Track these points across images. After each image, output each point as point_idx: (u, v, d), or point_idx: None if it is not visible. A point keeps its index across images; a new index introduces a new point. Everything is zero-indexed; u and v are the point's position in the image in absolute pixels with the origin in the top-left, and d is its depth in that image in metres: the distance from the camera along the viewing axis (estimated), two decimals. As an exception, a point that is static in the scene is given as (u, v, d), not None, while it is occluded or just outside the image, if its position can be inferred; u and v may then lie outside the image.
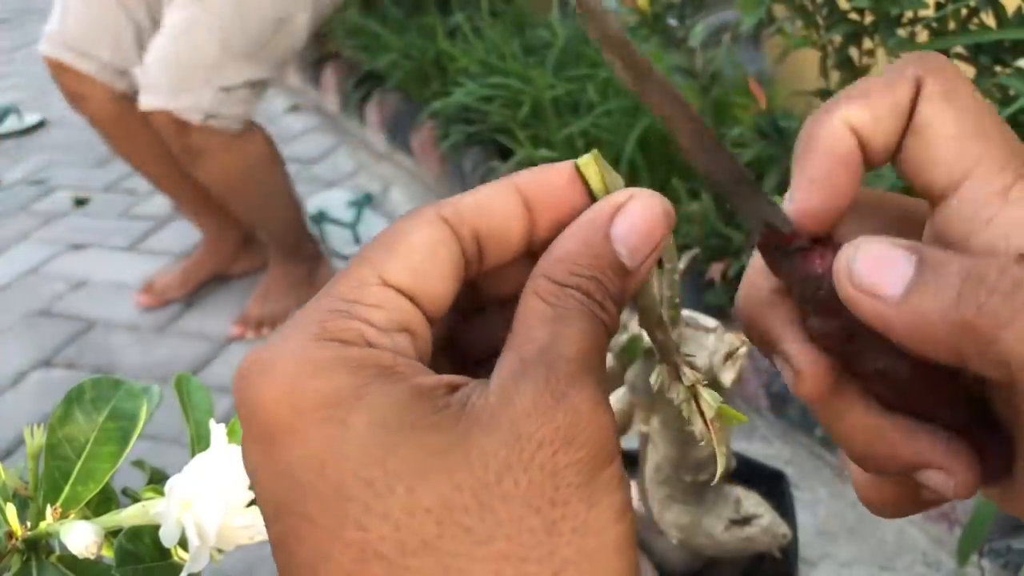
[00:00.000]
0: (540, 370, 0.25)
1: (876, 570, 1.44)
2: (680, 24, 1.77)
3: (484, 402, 0.24)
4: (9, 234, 2.75)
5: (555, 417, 0.24)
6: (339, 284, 0.26)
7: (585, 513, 0.24)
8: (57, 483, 0.46)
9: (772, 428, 1.72)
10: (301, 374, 0.24)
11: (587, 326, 0.26)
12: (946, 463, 0.28)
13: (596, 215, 0.28)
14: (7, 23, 4.97)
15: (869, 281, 0.25)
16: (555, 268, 0.27)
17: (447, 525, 0.23)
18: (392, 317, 0.26)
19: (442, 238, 0.27)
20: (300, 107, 3.52)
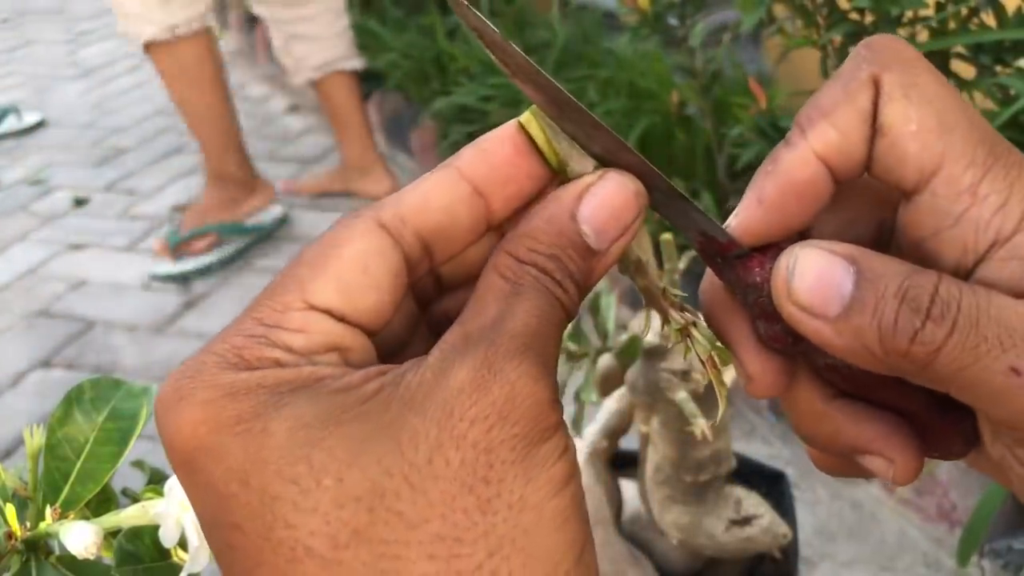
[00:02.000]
0: (480, 345, 0.24)
1: (876, 570, 1.44)
2: (680, 24, 1.77)
3: (419, 379, 0.24)
4: (9, 234, 2.75)
5: (490, 391, 0.23)
6: (262, 307, 0.26)
7: (521, 489, 0.23)
8: (57, 483, 0.46)
9: (772, 428, 1.71)
10: (216, 397, 0.24)
11: (539, 303, 0.25)
12: (887, 451, 0.28)
13: (563, 194, 0.27)
14: (7, 23, 4.97)
15: (808, 298, 0.25)
16: (516, 244, 0.26)
17: (378, 512, 0.22)
18: (315, 341, 0.25)
19: (377, 248, 0.26)
20: (299, 107, 3.52)
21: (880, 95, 0.26)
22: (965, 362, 0.24)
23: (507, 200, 0.28)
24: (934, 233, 0.26)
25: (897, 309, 0.25)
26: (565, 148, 0.28)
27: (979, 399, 0.25)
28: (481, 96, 2.55)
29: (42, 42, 4.63)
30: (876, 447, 0.28)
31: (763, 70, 2.36)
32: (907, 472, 0.28)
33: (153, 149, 3.26)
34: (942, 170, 0.26)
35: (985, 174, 0.25)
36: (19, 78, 4.11)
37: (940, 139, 0.26)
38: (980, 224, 0.25)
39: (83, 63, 4.25)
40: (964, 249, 0.26)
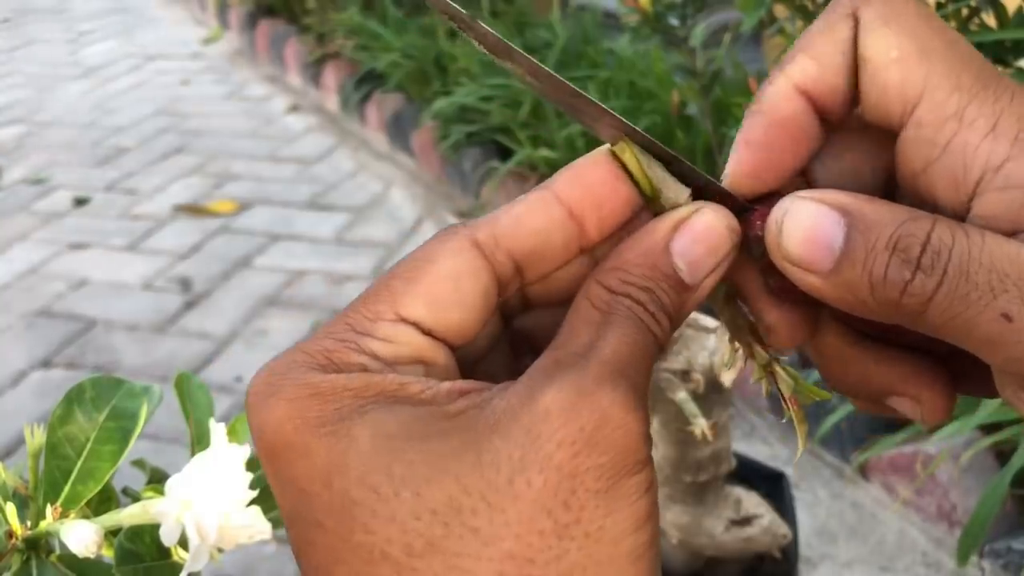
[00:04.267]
0: (570, 371, 0.24)
1: (876, 570, 1.44)
2: (681, 24, 1.77)
3: (505, 404, 0.24)
4: (9, 234, 2.75)
5: (579, 416, 0.23)
6: (355, 313, 0.26)
7: (602, 519, 0.23)
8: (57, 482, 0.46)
9: (772, 429, 1.72)
10: (303, 396, 0.24)
11: (631, 332, 0.25)
12: (915, 391, 0.28)
13: (657, 226, 0.27)
14: (7, 23, 4.98)
15: (798, 254, 0.25)
16: (609, 275, 0.26)
17: (454, 526, 0.23)
18: (401, 351, 0.26)
19: (470, 268, 0.26)
20: (300, 107, 3.52)
21: (859, 27, 0.26)
22: (956, 311, 0.24)
23: (601, 223, 0.27)
24: (924, 167, 0.25)
25: (887, 261, 0.24)
26: (658, 176, 0.28)
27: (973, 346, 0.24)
28: (481, 96, 2.55)
29: (42, 42, 4.63)
30: (904, 388, 0.28)
31: (763, 70, 2.36)
32: (936, 411, 0.28)
33: (153, 149, 3.26)
34: (925, 97, 0.25)
35: (971, 99, 0.25)
36: (19, 78, 4.11)
37: (921, 65, 0.25)
38: (968, 151, 0.25)
39: (83, 63, 4.25)
40: (955, 182, 0.25)
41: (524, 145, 2.39)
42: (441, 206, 2.68)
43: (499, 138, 2.51)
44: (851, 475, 1.58)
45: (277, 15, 3.91)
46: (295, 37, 3.65)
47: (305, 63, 3.52)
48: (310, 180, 2.96)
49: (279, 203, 2.82)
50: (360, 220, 2.69)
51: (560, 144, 2.32)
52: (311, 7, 3.52)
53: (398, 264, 0.27)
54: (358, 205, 2.77)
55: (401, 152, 2.98)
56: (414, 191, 2.81)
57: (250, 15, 4.05)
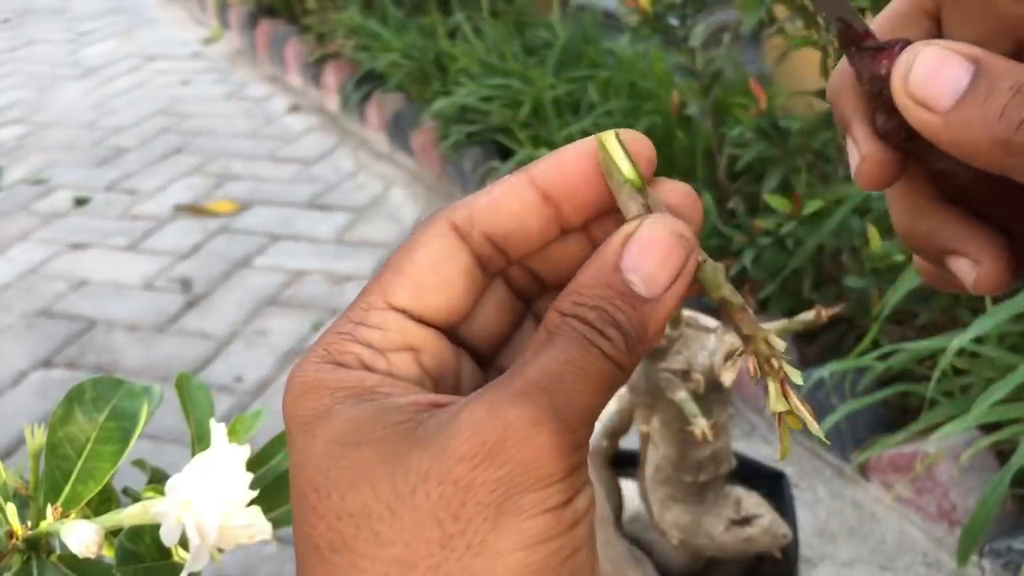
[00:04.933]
0: (492, 389, 0.25)
1: (876, 570, 1.44)
2: (681, 24, 1.77)
3: (437, 420, 0.25)
4: (10, 234, 2.75)
5: (483, 431, 0.24)
6: (354, 306, 0.28)
7: (485, 533, 0.24)
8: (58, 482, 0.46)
9: (772, 429, 1.71)
10: (302, 392, 0.27)
11: (568, 349, 0.25)
12: (975, 253, 0.29)
13: (606, 247, 0.27)
14: (7, 23, 4.98)
15: (922, 91, 0.26)
16: (563, 300, 0.27)
17: (363, 528, 0.25)
18: (391, 338, 0.28)
19: (448, 251, 0.28)
20: (300, 107, 3.52)
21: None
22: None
23: (578, 208, 0.29)
24: None
25: (1007, 102, 0.25)
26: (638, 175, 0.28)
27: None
28: (481, 96, 2.55)
29: (42, 42, 4.63)
30: (966, 247, 0.29)
31: (763, 70, 2.36)
32: (990, 278, 0.29)
33: (153, 149, 3.26)
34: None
35: None
36: (19, 78, 4.11)
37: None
38: None
39: (83, 63, 4.25)
40: None
41: (524, 145, 2.39)
42: (441, 206, 2.68)
43: (499, 138, 2.51)
44: (851, 475, 1.58)
45: (277, 15, 3.91)
46: (295, 37, 3.65)
47: (305, 63, 3.52)
48: (310, 180, 2.96)
49: (279, 203, 2.82)
50: (360, 220, 2.69)
51: (560, 144, 2.32)
52: (311, 7, 3.52)
53: (390, 257, 0.29)
54: (358, 205, 2.77)
55: (401, 152, 2.98)
56: (414, 191, 2.81)
57: (250, 15, 4.05)
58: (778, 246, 1.72)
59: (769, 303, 1.76)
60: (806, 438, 1.65)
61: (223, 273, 2.46)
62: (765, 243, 1.73)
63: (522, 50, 2.72)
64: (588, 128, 2.27)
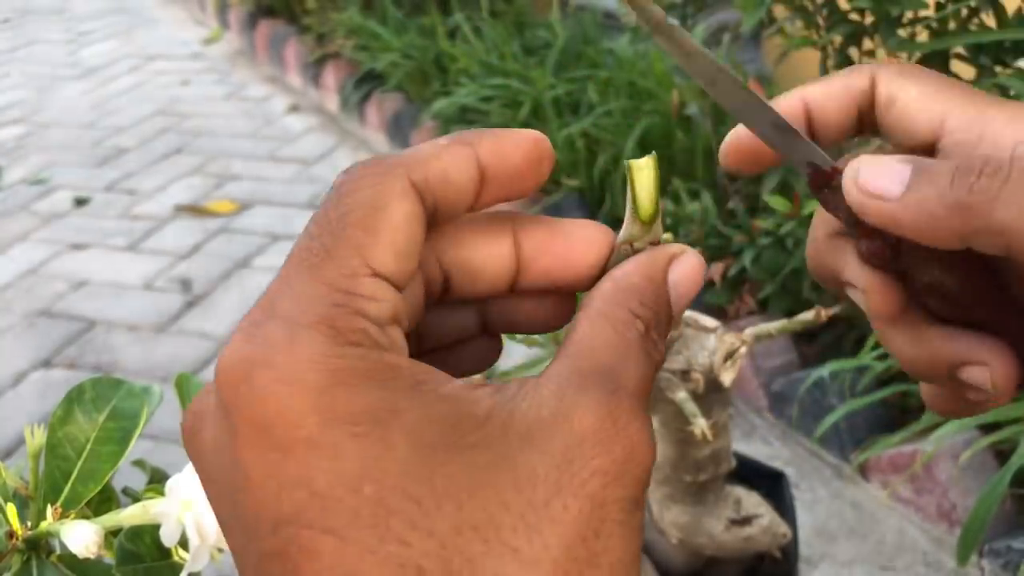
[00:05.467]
0: (603, 395, 0.24)
1: (876, 570, 1.44)
2: (681, 24, 1.77)
3: (536, 414, 0.24)
4: (9, 234, 2.75)
5: (613, 449, 0.24)
6: (326, 269, 0.24)
7: (622, 551, 0.23)
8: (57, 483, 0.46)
9: (772, 428, 1.72)
10: (329, 384, 0.23)
11: (644, 362, 0.26)
12: (984, 357, 0.30)
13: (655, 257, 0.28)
14: (7, 23, 4.98)
15: (873, 185, 0.29)
16: (627, 297, 0.27)
17: (494, 544, 0.22)
18: (385, 309, 0.25)
19: (415, 211, 0.26)
20: (300, 107, 3.52)
21: (877, 81, 0.32)
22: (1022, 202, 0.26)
23: (492, 196, 0.28)
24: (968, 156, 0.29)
25: (951, 176, 0.27)
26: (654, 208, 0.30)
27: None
28: (481, 96, 2.55)
29: (42, 42, 4.63)
30: (973, 355, 0.30)
31: (763, 70, 2.36)
32: (1007, 376, 0.30)
33: (153, 149, 3.26)
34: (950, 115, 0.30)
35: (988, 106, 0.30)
36: (19, 78, 4.11)
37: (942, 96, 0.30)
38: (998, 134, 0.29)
39: (83, 63, 4.25)
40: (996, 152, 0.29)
41: (524, 145, 2.39)
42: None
43: (499, 138, 2.51)
44: (851, 475, 1.58)
45: (277, 15, 3.91)
46: (295, 37, 3.65)
47: (305, 63, 3.52)
48: (310, 180, 2.96)
49: (279, 203, 2.82)
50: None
51: (560, 144, 2.32)
52: (311, 7, 3.52)
53: (344, 211, 0.25)
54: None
55: (401, 152, 2.97)
56: (414, 191, 2.81)
57: (250, 15, 4.05)
58: (778, 246, 1.72)
59: (769, 303, 1.76)
60: (807, 438, 1.65)
61: (223, 273, 2.46)
62: (765, 243, 1.73)
63: (522, 50, 2.72)
64: (588, 128, 2.27)
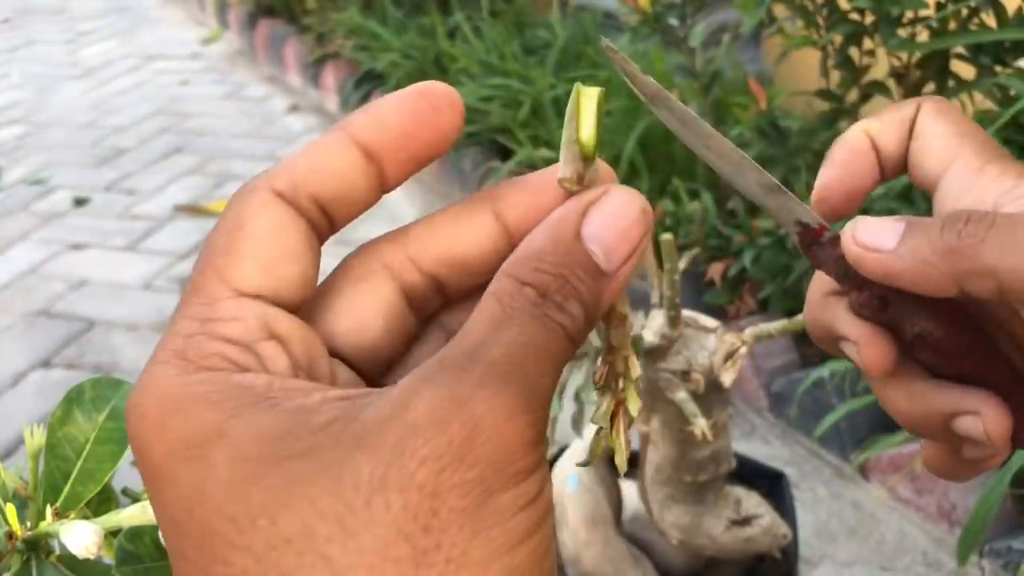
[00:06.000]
0: (450, 373, 0.22)
1: (876, 570, 1.44)
2: (680, 24, 1.77)
3: (375, 414, 0.22)
4: (9, 234, 2.75)
5: (449, 428, 0.21)
6: (190, 304, 0.25)
7: (465, 543, 0.21)
8: (57, 483, 0.46)
9: (772, 428, 1.71)
10: (165, 413, 0.23)
11: (530, 327, 0.23)
12: (974, 407, 0.30)
13: (567, 210, 0.26)
14: (7, 23, 4.98)
15: (870, 239, 0.30)
16: (518, 265, 0.25)
17: (307, 555, 0.21)
18: (251, 327, 0.24)
19: (282, 219, 0.25)
20: (300, 107, 3.52)
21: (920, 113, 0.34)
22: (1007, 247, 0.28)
23: (399, 165, 0.26)
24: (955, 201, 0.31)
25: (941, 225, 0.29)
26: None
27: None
28: (481, 96, 2.55)
29: (42, 42, 4.63)
30: (965, 405, 0.31)
31: (763, 70, 2.36)
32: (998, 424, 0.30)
33: (153, 149, 3.26)
34: (959, 160, 0.32)
35: (991, 160, 0.32)
36: (19, 78, 4.11)
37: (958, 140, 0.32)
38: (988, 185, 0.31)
39: (83, 63, 4.25)
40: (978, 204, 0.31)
41: (524, 145, 2.39)
42: (441, 206, 2.68)
43: (499, 138, 2.51)
44: (851, 475, 1.58)
45: (277, 15, 3.91)
46: (295, 37, 3.65)
47: (305, 63, 3.52)
48: (310, 180, 2.96)
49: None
50: (359, 220, 2.67)
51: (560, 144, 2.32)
52: (311, 7, 3.52)
53: (211, 241, 0.25)
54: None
55: (401, 152, 2.98)
56: (413, 191, 2.81)
57: (250, 15, 4.05)
58: (778, 246, 1.72)
59: (769, 303, 1.76)
60: (806, 438, 1.65)
61: (223, 273, 2.45)
62: (765, 243, 1.73)
63: (522, 50, 2.72)
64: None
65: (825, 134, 1.68)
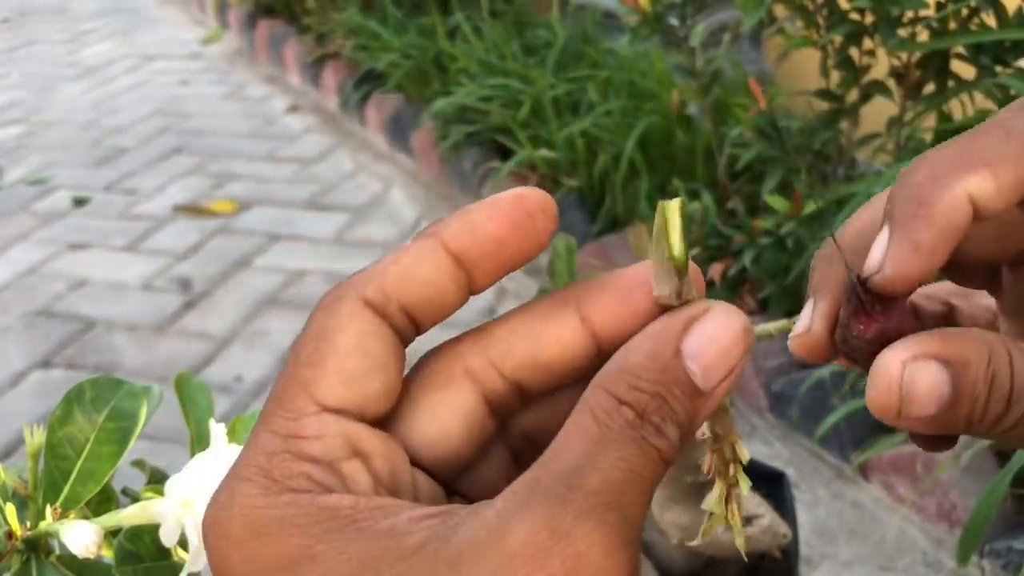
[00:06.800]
0: (548, 500, 0.21)
1: (876, 570, 1.44)
2: (681, 24, 1.77)
3: (471, 536, 0.21)
4: (9, 234, 2.75)
5: (548, 563, 0.20)
6: (274, 417, 0.24)
7: None
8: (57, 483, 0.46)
9: (772, 429, 1.71)
10: (250, 534, 0.23)
11: (629, 453, 0.22)
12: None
13: (666, 326, 0.24)
14: (7, 23, 4.98)
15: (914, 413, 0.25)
16: (615, 380, 0.23)
17: None
18: (335, 445, 0.24)
19: (369, 328, 0.25)
20: (300, 107, 3.52)
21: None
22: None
23: (490, 271, 0.26)
24: None
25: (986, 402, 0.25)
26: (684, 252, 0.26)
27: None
28: (481, 96, 2.55)
29: (42, 42, 4.63)
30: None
31: (763, 70, 2.36)
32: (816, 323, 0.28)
33: (153, 149, 3.26)
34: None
35: None
36: (19, 78, 4.11)
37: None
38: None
39: (83, 63, 4.25)
40: None
41: (524, 145, 2.39)
42: (441, 206, 2.68)
43: (499, 138, 2.51)
44: (851, 475, 1.58)
45: (277, 15, 3.91)
46: (295, 37, 3.65)
47: (305, 63, 3.52)
48: (310, 180, 2.96)
49: (279, 203, 2.82)
50: (360, 220, 2.69)
51: (559, 144, 2.32)
52: (311, 7, 3.52)
53: (298, 351, 0.25)
54: (358, 205, 2.77)
55: (401, 152, 2.98)
56: (414, 191, 2.81)
57: (250, 15, 4.05)
58: (778, 246, 1.72)
59: (769, 303, 1.76)
60: (807, 438, 1.65)
61: (222, 273, 2.46)
62: (765, 243, 1.73)
63: (522, 50, 2.72)
64: (588, 128, 2.27)
65: (825, 134, 1.68)
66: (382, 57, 3.01)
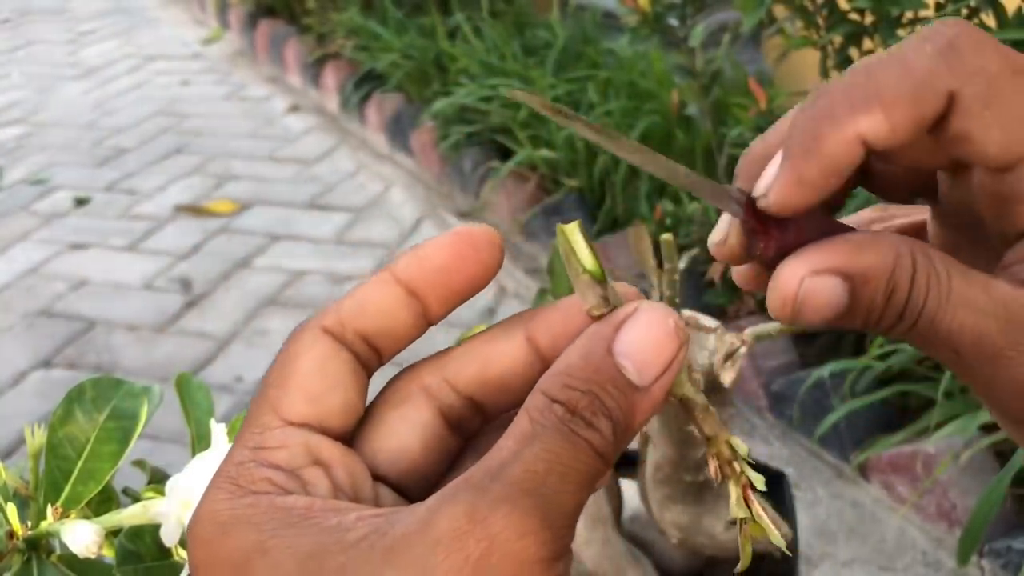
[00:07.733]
0: (471, 492, 0.23)
1: (876, 570, 1.44)
2: (680, 24, 1.77)
3: (403, 529, 0.23)
4: (9, 234, 2.75)
5: (465, 546, 0.22)
6: (245, 433, 0.27)
7: None
8: (58, 483, 0.46)
9: (772, 428, 1.72)
10: (213, 535, 0.25)
11: (555, 444, 0.24)
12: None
13: (598, 328, 0.26)
14: (7, 23, 4.98)
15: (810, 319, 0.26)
16: (550, 382, 0.25)
17: None
18: (297, 453, 0.26)
19: (328, 352, 0.27)
20: (300, 107, 3.52)
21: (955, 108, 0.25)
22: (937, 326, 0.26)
23: (441, 300, 0.28)
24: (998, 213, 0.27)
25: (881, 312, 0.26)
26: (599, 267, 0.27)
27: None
28: (481, 96, 2.55)
29: (42, 42, 4.63)
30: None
31: (763, 70, 2.36)
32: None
33: (153, 149, 3.26)
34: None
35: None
36: (19, 78, 4.11)
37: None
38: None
39: (83, 63, 4.25)
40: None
41: (524, 145, 2.39)
42: (441, 206, 2.68)
43: (499, 138, 2.52)
44: (851, 475, 1.58)
45: (277, 15, 3.91)
46: (295, 37, 3.65)
47: (305, 63, 3.52)
48: (310, 180, 2.96)
49: (279, 203, 2.83)
50: (360, 220, 2.69)
51: (560, 144, 2.32)
52: (311, 7, 3.52)
53: (267, 375, 0.28)
54: (358, 205, 2.77)
55: (401, 152, 2.98)
56: (414, 191, 2.81)
57: (250, 15, 4.05)
58: (778, 246, 1.72)
59: (769, 303, 1.76)
60: (806, 438, 1.65)
61: (223, 273, 2.46)
62: (765, 243, 1.72)
63: (522, 50, 2.72)
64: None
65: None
66: (382, 57, 3.01)
